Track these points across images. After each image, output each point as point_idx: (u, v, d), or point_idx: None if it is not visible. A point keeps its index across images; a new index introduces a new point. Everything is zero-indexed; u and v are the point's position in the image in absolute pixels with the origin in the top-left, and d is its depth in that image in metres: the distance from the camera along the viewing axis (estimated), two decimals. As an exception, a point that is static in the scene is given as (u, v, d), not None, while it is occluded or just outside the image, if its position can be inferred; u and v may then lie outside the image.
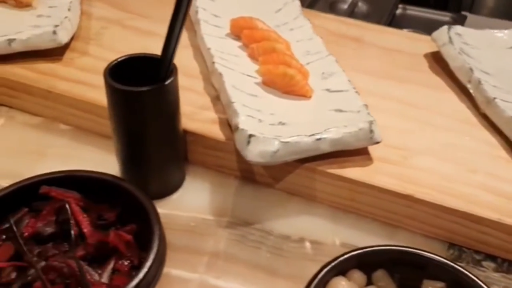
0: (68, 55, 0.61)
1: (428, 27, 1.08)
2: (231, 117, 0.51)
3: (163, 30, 0.67)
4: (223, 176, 0.53)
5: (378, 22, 1.04)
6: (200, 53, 0.63)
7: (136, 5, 0.73)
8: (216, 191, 0.52)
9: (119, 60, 0.45)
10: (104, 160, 0.53)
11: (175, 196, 0.51)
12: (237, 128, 0.48)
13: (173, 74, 0.44)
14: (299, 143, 0.46)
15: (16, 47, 0.58)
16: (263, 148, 0.46)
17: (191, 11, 0.68)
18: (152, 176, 0.49)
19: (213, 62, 0.56)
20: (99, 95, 0.54)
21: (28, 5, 0.65)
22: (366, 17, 1.07)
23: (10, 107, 0.59)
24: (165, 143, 0.47)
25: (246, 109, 0.51)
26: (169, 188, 0.51)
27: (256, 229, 0.48)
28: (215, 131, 0.52)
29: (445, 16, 1.11)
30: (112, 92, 0.44)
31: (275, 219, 0.49)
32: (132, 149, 0.47)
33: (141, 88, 0.42)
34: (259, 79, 0.57)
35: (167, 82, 0.43)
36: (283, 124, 0.50)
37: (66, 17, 0.61)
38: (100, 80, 0.57)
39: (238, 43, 0.63)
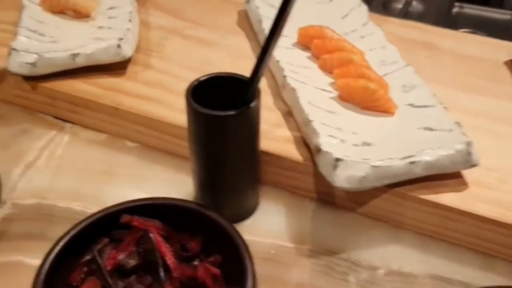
0: (131, 68, 0.59)
1: (487, 27, 1.03)
2: (310, 137, 0.48)
3: (223, 40, 0.66)
4: (298, 198, 0.50)
5: (436, 22, 0.99)
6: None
7: (193, 13, 0.71)
8: (292, 215, 0.49)
9: (200, 80, 0.42)
10: (175, 180, 0.51)
11: (250, 220, 0.48)
12: (319, 150, 0.45)
13: (258, 96, 0.41)
14: (390, 167, 0.43)
15: (80, 62, 0.56)
16: (351, 173, 0.43)
17: (254, 20, 0.65)
18: (230, 199, 0.46)
19: (284, 76, 0.53)
20: (167, 112, 0.53)
21: (87, 16, 0.64)
22: (422, 17, 1.02)
23: (73, 123, 0.58)
24: (244, 165, 0.45)
25: (326, 128, 0.48)
26: (245, 212, 0.48)
27: (341, 259, 0.45)
28: (291, 151, 0.49)
29: (505, 14, 1.05)
30: (194, 115, 0.41)
31: (361, 247, 0.46)
32: (211, 171, 0.45)
33: (227, 112, 0.40)
34: (335, 93, 0.53)
35: (252, 105, 0.41)
36: (368, 144, 0.47)
37: (128, 29, 0.59)
38: (166, 96, 0.55)
39: (307, 54, 0.60)
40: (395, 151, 0.45)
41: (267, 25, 0.62)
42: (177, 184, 0.51)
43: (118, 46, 0.56)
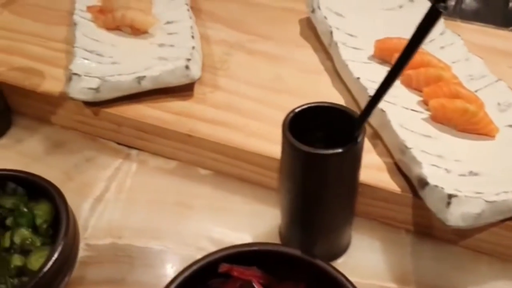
0: (198, 89, 0.55)
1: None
2: (409, 166, 0.44)
3: (289, 53, 0.61)
4: (392, 230, 0.46)
5: (495, 21, 0.94)
6: (339, 81, 0.56)
7: (253, 24, 0.66)
8: (389, 250, 0.45)
9: (296, 111, 0.38)
10: (257, 212, 0.48)
11: (344, 258, 0.44)
12: (426, 183, 0.41)
13: (364, 130, 0.37)
14: (506, 201, 0.39)
15: (146, 85, 0.52)
16: (465, 210, 0.39)
17: (322, 31, 0.60)
18: (325, 237, 0.43)
19: (370, 96, 0.49)
20: (244, 138, 0.49)
21: (144, 32, 0.60)
22: (477, 15, 0.97)
23: (140, 149, 0.54)
24: (343, 202, 0.41)
25: (426, 156, 0.44)
26: (339, 250, 0.45)
27: (452, 300, 0.41)
28: (385, 180, 0.45)
29: None
30: (292, 151, 0.37)
31: (468, 284, 0.42)
32: (305, 208, 0.41)
33: (333, 151, 0.36)
34: (426, 114, 0.49)
35: (359, 140, 0.37)
36: (475, 174, 0.43)
37: (193, 47, 0.55)
38: (240, 119, 0.51)
39: (386, 68, 0.56)
40: (508, 182, 0.41)
41: (339, 37, 0.58)
42: (260, 216, 0.47)
43: (186, 67, 0.52)
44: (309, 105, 0.39)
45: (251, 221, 0.47)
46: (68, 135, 0.56)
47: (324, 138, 0.40)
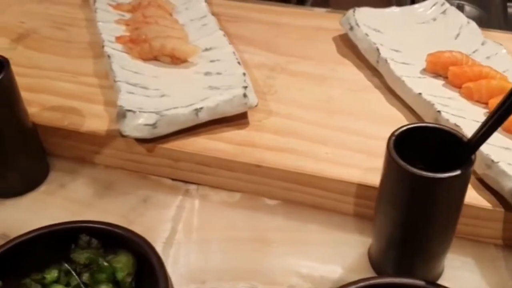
0: (252, 117, 0.53)
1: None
2: (497, 180, 0.43)
3: (332, 72, 0.60)
4: (481, 246, 0.45)
5: (499, 25, 0.96)
6: (393, 97, 0.55)
7: (287, 45, 0.65)
8: (485, 267, 0.43)
9: (400, 130, 0.37)
10: (340, 241, 0.45)
11: (441, 280, 0.43)
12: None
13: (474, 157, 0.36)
14: None
15: (203, 117, 0.49)
16: None
17: (366, 48, 0.59)
18: (425, 263, 0.41)
19: (438, 111, 0.49)
20: (314, 164, 0.47)
21: (184, 61, 0.58)
22: (481, 22, 0.99)
23: (198, 184, 0.51)
24: (447, 229, 0.40)
25: (514, 168, 0.43)
26: (437, 274, 0.43)
27: None
28: (473, 196, 0.44)
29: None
30: (399, 174, 0.36)
31: None
32: (407, 234, 0.39)
33: (448, 174, 0.35)
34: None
35: (472, 162, 0.36)
36: None
37: (244, 73, 0.53)
38: (304, 145, 0.50)
39: (441, 82, 0.55)
40: None
41: (386, 53, 0.57)
42: (343, 245, 0.45)
43: (244, 95, 0.50)
44: (414, 125, 0.38)
45: (335, 250, 0.45)
46: (115, 175, 0.52)
47: (420, 160, 0.39)
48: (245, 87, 0.50)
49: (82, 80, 0.59)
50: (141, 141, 0.50)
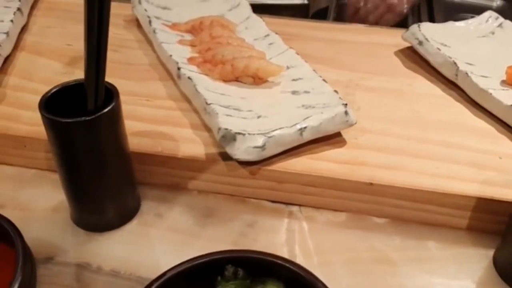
0: (346, 134, 0.52)
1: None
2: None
3: (408, 86, 0.62)
4: None
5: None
6: (478, 110, 0.56)
7: (352, 62, 0.65)
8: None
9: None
10: (462, 257, 0.45)
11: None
12: None
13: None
14: None
15: (307, 136, 0.48)
16: None
17: (440, 63, 0.60)
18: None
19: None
20: (429, 180, 0.47)
21: (265, 81, 0.57)
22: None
23: (301, 205, 0.50)
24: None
25: None
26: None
27: None
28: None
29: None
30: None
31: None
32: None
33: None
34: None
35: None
36: None
37: (335, 91, 0.53)
38: (408, 160, 0.50)
39: (523, 93, 0.57)
40: None
41: (464, 67, 0.58)
42: (467, 260, 0.45)
43: (346, 113, 0.49)
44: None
45: (459, 266, 0.44)
46: (212, 200, 0.50)
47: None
48: (345, 105, 0.50)
49: (158, 104, 0.56)
50: (243, 164, 0.49)
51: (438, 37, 0.64)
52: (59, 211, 0.49)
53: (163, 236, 0.47)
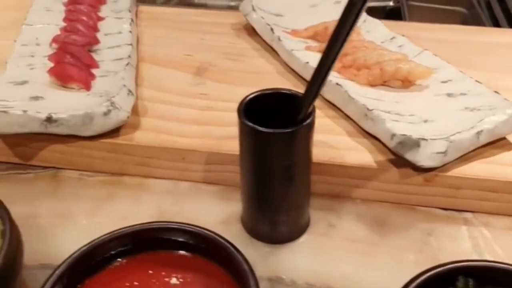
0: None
1: None
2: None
3: None
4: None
5: None
6: None
7: (473, 60, 0.63)
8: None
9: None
10: None
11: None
12: None
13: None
14: None
15: (483, 140, 0.47)
16: None
17: None
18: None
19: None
20: None
21: (413, 84, 0.55)
22: None
23: (473, 212, 0.48)
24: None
25: None
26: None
27: None
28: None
29: None
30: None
31: None
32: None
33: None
34: None
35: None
36: None
37: (495, 91, 0.52)
38: None
39: None
40: None
41: None
42: None
43: None
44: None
45: None
46: (379, 209, 0.49)
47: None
48: (510, 106, 0.49)
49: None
50: (418, 170, 0.47)
51: None
52: (229, 223, 0.48)
53: (343, 246, 0.46)
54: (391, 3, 0.92)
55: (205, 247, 0.36)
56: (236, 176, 0.49)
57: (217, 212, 0.49)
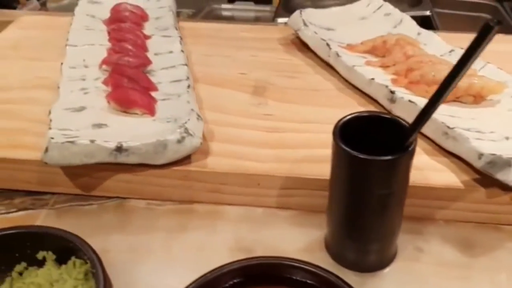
0: None
1: None
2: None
3: None
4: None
5: None
6: None
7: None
8: None
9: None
10: None
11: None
12: None
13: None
14: None
15: None
16: None
17: None
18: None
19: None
20: None
21: (484, 100, 0.54)
22: None
23: None
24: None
25: None
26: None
27: None
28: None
29: None
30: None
31: None
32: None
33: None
34: None
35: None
36: None
37: None
38: None
39: None
40: None
41: None
42: None
43: None
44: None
45: None
46: (463, 229, 0.47)
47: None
48: None
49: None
50: (506, 189, 0.46)
51: None
52: (311, 251, 0.46)
53: (437, 272, 0.44)
54: (427, 12, 0.91)
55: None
56: (312, 200, 0.48)
57: (296, 239, 0.47)
